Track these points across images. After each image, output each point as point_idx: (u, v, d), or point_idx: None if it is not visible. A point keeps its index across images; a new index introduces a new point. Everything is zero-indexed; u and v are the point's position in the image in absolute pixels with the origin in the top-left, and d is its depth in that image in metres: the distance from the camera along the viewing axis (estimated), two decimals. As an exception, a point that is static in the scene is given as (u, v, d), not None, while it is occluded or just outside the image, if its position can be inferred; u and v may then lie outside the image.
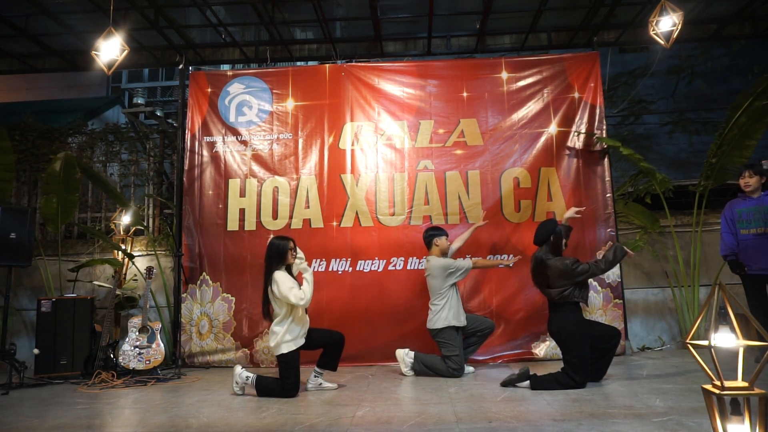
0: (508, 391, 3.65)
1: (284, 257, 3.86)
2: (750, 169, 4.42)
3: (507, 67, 5.49)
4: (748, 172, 4.41)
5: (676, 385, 3.65)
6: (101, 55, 4.78)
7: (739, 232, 4.42)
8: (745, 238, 4.37)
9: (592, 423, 2.80)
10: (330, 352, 3.97)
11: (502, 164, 5.30)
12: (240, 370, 3.89)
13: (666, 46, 4.95)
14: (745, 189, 4.45)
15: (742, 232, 4.40)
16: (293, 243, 3.93)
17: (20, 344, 5.56)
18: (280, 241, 3.89)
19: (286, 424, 3.01)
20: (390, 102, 5.49)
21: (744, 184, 4.43)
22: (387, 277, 5.14)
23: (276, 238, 3.94)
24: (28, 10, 5.59)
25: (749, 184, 4.40)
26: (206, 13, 5.77)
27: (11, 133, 6.17)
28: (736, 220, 4.45)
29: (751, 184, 4.39)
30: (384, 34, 6.35)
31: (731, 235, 4.46)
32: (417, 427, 2.84)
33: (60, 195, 5.41)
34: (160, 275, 5.63)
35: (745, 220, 4.40)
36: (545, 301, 4.99)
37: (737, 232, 4.43)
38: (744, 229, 4.39)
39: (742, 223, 4.41)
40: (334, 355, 3.98)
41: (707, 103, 8.85)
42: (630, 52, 9.72)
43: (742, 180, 4.44)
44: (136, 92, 11.41)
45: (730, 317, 2.00)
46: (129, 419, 3.27)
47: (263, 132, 5.52)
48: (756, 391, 1.91)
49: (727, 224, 4.50)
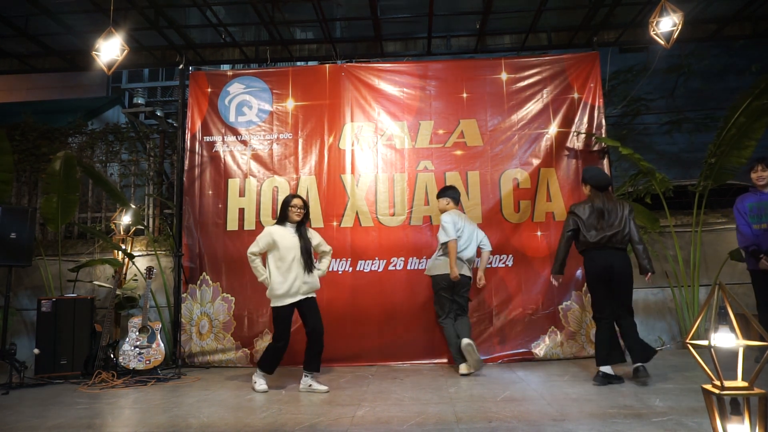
0: (508, 391, 3.66)
1: (284, 212, 4.01)
2: (762, 163, 4.28)
3: (507, 68, 5.49)
4: (761, 165, 4.27)
5: (676, 385, 3.65)
6: (101, 55, 4.78)
7: (751, 228, 4.31)
8: (756, 234, 4.27)
9: (592, 423, 2.80)
10: (309, 351, 3.99)
11: (502, 165, 5.30)
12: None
13: (666, 47, 4.95)
14: (757, 183, 4.31)
15: (753, 227, 4.29)
16: (302, 202, 4.05)
17: (20, 344, 5.56)
18: (287, 197, 4.08)
19: (287, 424, 3.01)
20: (390, 102, 5.49)
21: (756, 177, 4.30)
22: (387, 277, 5.14)
23: (288, 195, 4.12)
24: (28, 10, 5.59)
25: (762, 177, 4.26)
26: (206, 13, 5.77)
27: (11, 133, 6.18)
28: (748, 215, 4.33)
29: (764, 177, 4.25)
30: (384, 34, 6.35)
31: (747, 226, 4.32)
32: (417, 427, 2.84)
33: (60, 195, 5.41)
34: (160, 275, 5.63)
35: (756, 215, 4.29)
36: (545, 301, 5.04)
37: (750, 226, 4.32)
38: (756, 224, 4.28)
39: (753, 218, 4.30)
40: (314, 355, 3.98)
41: (705, 101, 8.86)
42: (630, 52, 9.72)
43: (754, 174, 4.31)
44: (136, 92, 11.40)
45: (730, 317, 2.00)
46: (129, 419, 3.28)
47: (263, 132, 5.53)
48: (756, 391, 1.91)
49: (742, 217, 4.36)
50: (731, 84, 8.96)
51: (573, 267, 5.08)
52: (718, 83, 9.55)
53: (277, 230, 3.98)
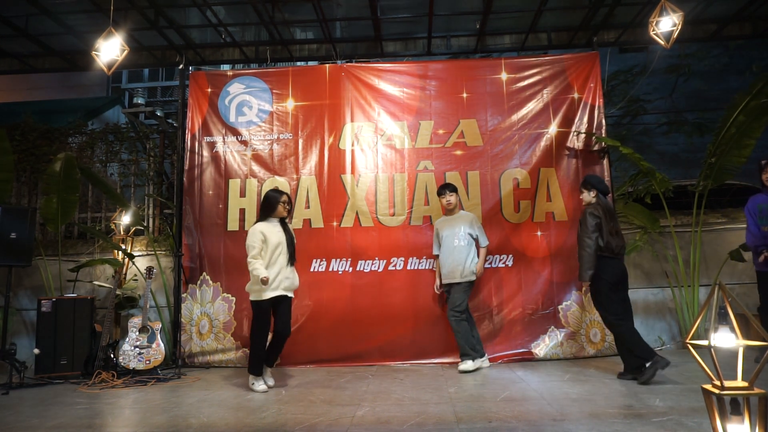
0: (507, 391, 3.66)
1: (272, 207, 4.08)
2: None
3: (507, 68, 5.50)
4: None
5: (676, 385, 3.65)
6: (101, 55, 4.78)
7: (760, 228, 4.31)
8: (765, 234, 4.27)
9: (592, 423, 2.80)
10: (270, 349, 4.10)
11: (502, 165, 5.30)
12: None
13: (666, 47, 4.95)
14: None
15: (763, 229, 4.28)
16: (288, 198, 4.16)
17: (20, 344, 5.56)
18: (274, 192, 4.16)
19: (286, 424, 3.01)
20: (390, 102, 5.50)
21: (766, 179, 4.30)
22: (387, 277, 5.14)
23: (271, 190, 4.20)
24: (28, 10, 5.58)
25: None
26: (206, 13, 5.77)
27: (11, 133, 6.18)
28: (757, 215, 4.33)
29: None
30: (384, 34, 6.35)
31: (757, 226, 4.32)
32: (417, 427, 2.84)
33: (60, 195, 5.42)
34: (160, 275, 5.63)
35: (766, 216, 4.29)
36: (545, 302, 5.05)
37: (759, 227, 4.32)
38: (765, 226, 4.28)
39: (763, 219, 4.31)
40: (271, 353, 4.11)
41: (705, 102, 8.86)
42: (630, 52, 9.72)
43: (765, 175, 4.31)
44: (136, 92, 11.39)
45: (730, 317, 2.00)
46: (129, 419, 3.28)
47: (263, 132, 5.53)
48: (756, 391, 1.91)
49: (752, 217, 4.36)
50: (732, 85, 8.96)
51: (573, 267, 5.08)
52: (719, 84, 9.55)
53: (264, 227, 4.03)
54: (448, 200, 4.70)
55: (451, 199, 4.70)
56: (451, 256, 4.58)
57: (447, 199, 4.70)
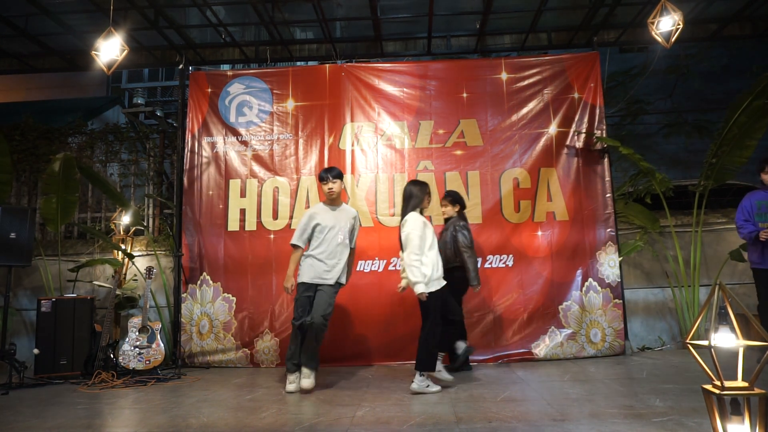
0: (508, 391, 3.65)
1: (420, 201, 3.96)
2: None
3: (507, 68, 5.49)
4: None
5: (676, 385, 3.65)
6: (101, 55, 4.78)
7: (757, 225, 4.29)
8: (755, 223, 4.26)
9: (592, 423, 2.80)
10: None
11: (502, 165, 5.30)
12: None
13: (666, 47, 4.95)
14: None
15: (760, 225, 4.27)
16: (428, 189, 4.05)
17: (20, 344, 5.56)
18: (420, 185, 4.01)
19: (287, 424, 3.01)
20: (390, 102, 5.49)
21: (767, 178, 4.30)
22: (387, 277, 5.14)
23: (414, 183, 4.03)
24: (28, 10, 5.59)
25: None
26: (206, 13, 5.77)
27: (11, 133, 6.18)
28: (755, 213, 4.32)
29: None
30: (384, 34, 6.36)
31: (750, 223, 4.32)
32: (417, 427, 2.84)
33: (60, 195, 5.42)
34: (160, 275, 5.63)
35: (764, 213, 4.29)
36: (545, 302, 5.04)
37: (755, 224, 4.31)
38: (763, 222, 4.27)
39: (761, 216, 4.29)
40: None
41: (705, 102, 8.86)
42: (630, 52, 9.73)
43: (765, 175, 4.31)
44: (136, 92, 11.38)
45: (730, 317, 2.00)
46: (129, 419, 3.27)
47: (263, 132, 5.53)
48: (756, 391, 1.91)
49: (743, 213, 4.36)
50: (732, 85, 8.96)
51: (573, 267, 5.08)
52: (719, 84, 9.54)
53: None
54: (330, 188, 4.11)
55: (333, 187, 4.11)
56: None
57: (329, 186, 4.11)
